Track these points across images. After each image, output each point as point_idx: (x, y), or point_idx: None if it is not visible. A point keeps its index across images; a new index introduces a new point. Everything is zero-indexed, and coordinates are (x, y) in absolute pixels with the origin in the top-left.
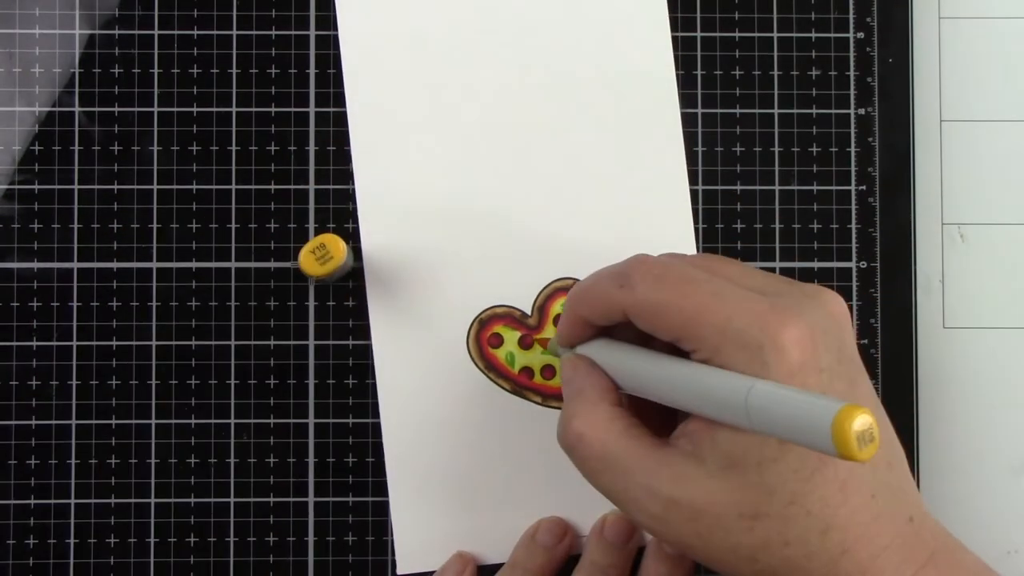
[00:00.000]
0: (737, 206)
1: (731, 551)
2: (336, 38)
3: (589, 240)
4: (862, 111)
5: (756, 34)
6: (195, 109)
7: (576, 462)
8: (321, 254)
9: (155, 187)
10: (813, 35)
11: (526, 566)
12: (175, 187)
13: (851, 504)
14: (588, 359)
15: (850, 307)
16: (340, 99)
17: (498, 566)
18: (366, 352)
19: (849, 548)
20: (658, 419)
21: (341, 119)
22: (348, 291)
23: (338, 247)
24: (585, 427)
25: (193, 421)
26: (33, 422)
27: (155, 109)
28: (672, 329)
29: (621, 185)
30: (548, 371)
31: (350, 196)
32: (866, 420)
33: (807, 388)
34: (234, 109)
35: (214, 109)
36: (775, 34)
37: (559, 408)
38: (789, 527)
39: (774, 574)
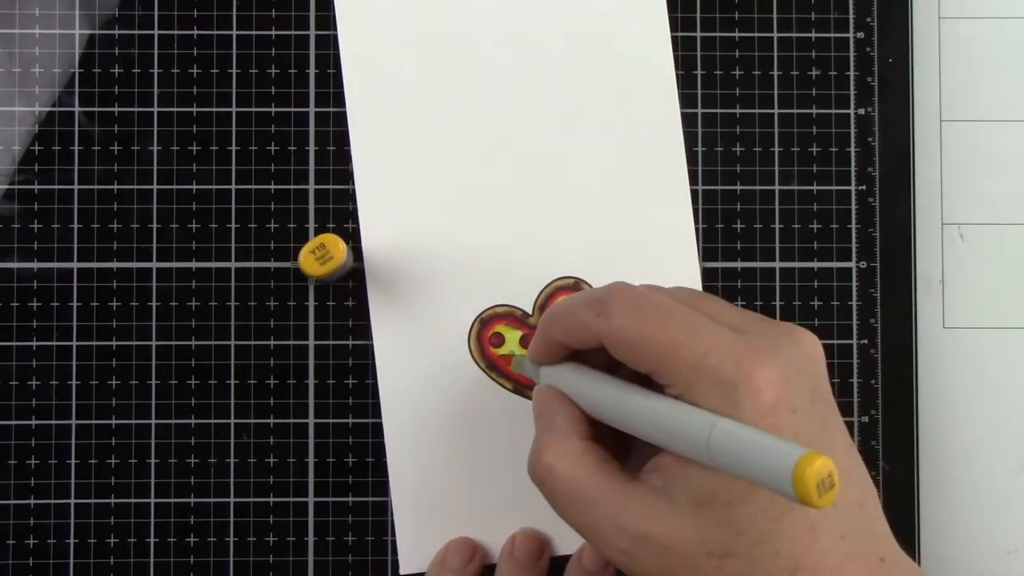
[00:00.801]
0: (737, 206)
1: None
2: (336, 38)
3: (589, 239)
4: (862, 111)
5: (756, 34)
6: (195, 109)
7: (546, 495)
8: (321, 254)
9: (155, 187)
10: (813, 35)
11: None
12: (175, 187)
13: (821, 545)
14: (559, 392)
15: (849, 307)
16: (340, 99)
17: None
18: (366, 352)
19: None
20: (625, 447)
21: (341, 119)
22: (348, 291)
23: (338, 247)
24: (555, 460)
25: (193, 421)
26: (33, 422)
27: (155, 109)
28: (647, 362)
29: (621, 185)
30: None
31: (350, 196)
32: (826, 467)
33: (779, 428)
34: (234, 109)
35: (214, 109)
36: (775, 34)
37: None
38: (758, 567)
39: None
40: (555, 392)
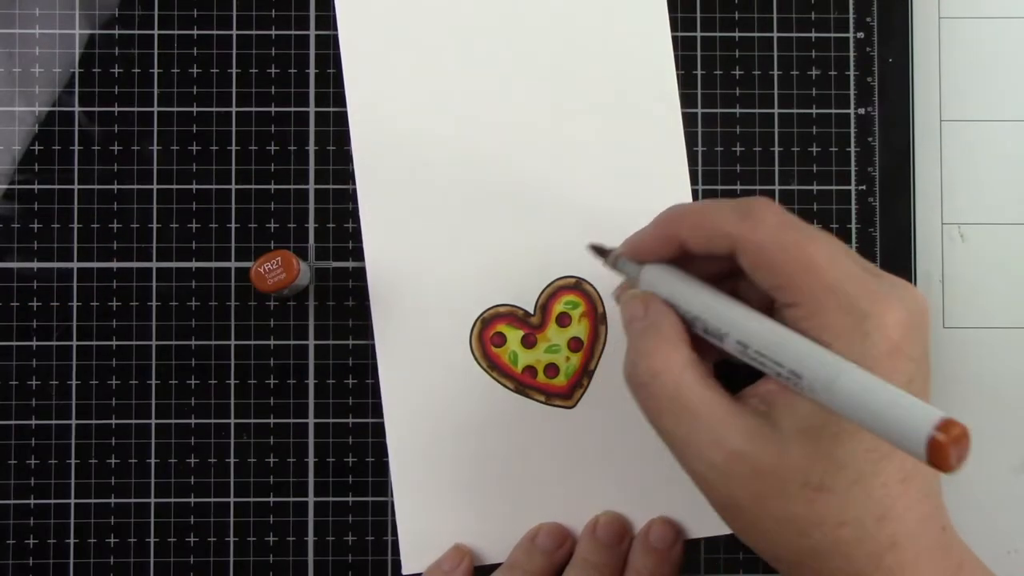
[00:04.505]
0: None
1: (785, 521)
2: (336, 38)
3: (591, 239)
4: (862, 111)
5: (756, 34)
6: (195, 109)
7: (643, 400)
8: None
9: (155, 187)
10: (813, 35)
11: (525, 568)
12: (175, 187)
13: (908, 498)
14: (660, 298)
15: None
16: (340, 99)
17: (500, 565)
18: (366, 352)
19: (898, 542)
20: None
21: (341, 119)
22: (348, 291)
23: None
24: (662, 365)
25: (193, 421)
26: (33, 422)
27: (155, 109)
28: (782, 275)
29: (622, 185)
30: (551, 370)
31: (350, 196)
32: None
33: (897, 372)
34: (234, 109)
35: (214, 109)
36: (775, 34)
37: (563, 407)
38: (848, 506)
39: (818, 555)
40: (656, 298)
